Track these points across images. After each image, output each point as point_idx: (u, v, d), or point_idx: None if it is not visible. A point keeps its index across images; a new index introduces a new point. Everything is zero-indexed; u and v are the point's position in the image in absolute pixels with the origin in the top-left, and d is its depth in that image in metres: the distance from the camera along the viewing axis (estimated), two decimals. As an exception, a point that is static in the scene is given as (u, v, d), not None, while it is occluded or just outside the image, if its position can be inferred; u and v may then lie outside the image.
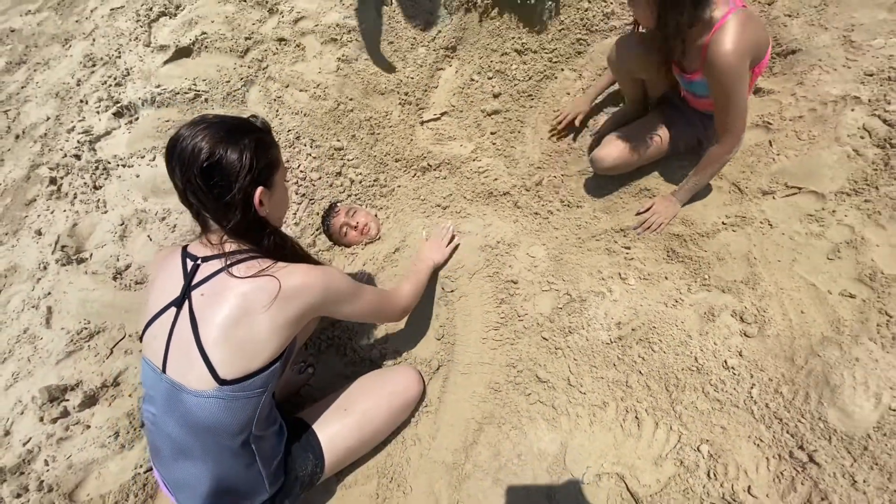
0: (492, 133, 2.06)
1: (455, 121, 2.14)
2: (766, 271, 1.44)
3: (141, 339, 1.04)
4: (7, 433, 1.56)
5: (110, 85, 2.34)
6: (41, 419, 1.55)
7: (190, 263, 1.00)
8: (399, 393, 1.28)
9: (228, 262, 0.97)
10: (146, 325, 1.01)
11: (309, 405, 1.27)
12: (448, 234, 1.59)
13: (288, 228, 1.85)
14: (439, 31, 2.26)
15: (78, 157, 2.11)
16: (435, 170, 1.98)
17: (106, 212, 1.96)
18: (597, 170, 1.73)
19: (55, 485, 1.38)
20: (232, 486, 1.02)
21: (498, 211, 1.82)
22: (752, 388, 1.23)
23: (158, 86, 2.21)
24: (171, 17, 2.56)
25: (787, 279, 1.41)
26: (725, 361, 1.28)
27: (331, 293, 1.03)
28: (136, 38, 2.50)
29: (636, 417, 1.25)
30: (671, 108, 1.73)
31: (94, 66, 2.56)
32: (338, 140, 2.01)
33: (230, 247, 0.99)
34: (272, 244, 1.02)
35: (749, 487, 1.11)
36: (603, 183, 1.84)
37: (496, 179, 1.91)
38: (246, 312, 0.93)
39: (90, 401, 1.56)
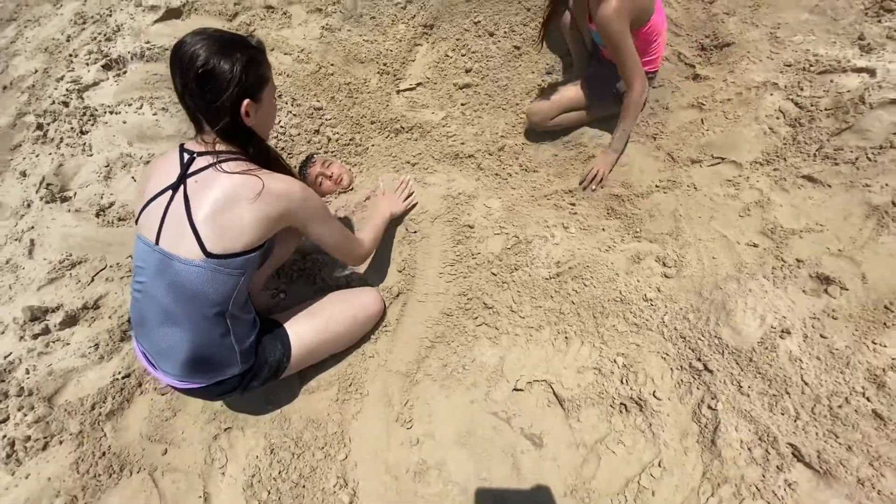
0: (462, 104, 2.25)
1: (429, 91, 2.31)
2: (688, 226, 1.66)
3: (137, 221, 1.17)
4: (-14, 350, 1.65)
5: (100, 40, 2.44)
6: (21, 338, 1.65)
7: (186, 156, 1.14)
8: (361, 307, 1.44)
9: (219, 159, 1.11)
10: (143, 206, 1.15)
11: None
12: (406, 187, 1.75)
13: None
14: (420, 9, 2.44)
15: (66, 105, 2.20)
16: (407, 132, 2.15)
17: (91, 155, 2.06)
18: (531, 125, 2.00)
19: (35, 389, 1.49)
20: (207, 354, 1.17)
21: (462, 171, 2.00)
22: (664, 315, 1.44)
23: (147, 42, 2.32)
24: (163, -18, 2.66)
25: (704, 232, 1.63)
26: (645, 295, 1.49)
27: (308, 206, 1.19)
28: (128, -2, 2.60)
29: (566, 338, 1.44)
30: (592, 63, 2.01)
31: (84, 23, 2.65)
32: (317, 101, 2.16)
33: (221, 147, 1.14)
34: (258, 152, 1.17)
35: (654, 392, 1.31)
36: (558, 151, 2.05)
37: (463, 143, 2.09)
38: (232, 201, 1.08)
39: (71, 321, 1.67)
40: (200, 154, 1.14)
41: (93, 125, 2.13)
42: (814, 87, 1.79)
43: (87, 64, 2.34)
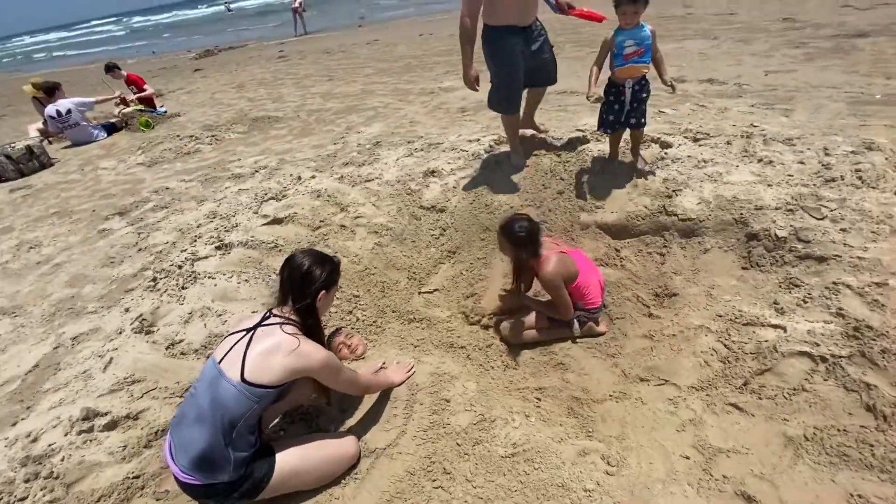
0: (463, 309, 2.85)
1: (443, 296, 2.97)
2: (633, 432, 1.93)
3: (216, 347, 1.67)
4: (35, 440, 2.01)
5: (220, 230, 3.43)
6: (67, 433, 2.02)
7: (267, 315, 1.71)
8: (340, 450, 1.73)
9: (283, 322, 1.67)
10: (224, 337, 1.66)
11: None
12: (410, 368, 2.21)
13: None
14: (448, 240, 3.32)
15: (179, 267, 3.02)
16: (418, 322, 2.71)
17: (182, 304, 2.73)
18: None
19: (61, 474, 1.78)
20: (210, 456, 1.48)
21: (453, 358, 2.45)
22: (599, 506, 1.61)
23: (253, 237, 3.27)
24: (277, 201, 3.83)
25: (646, 440, 1.89)
26: (585, 486, 1.69)
27: (324, 369, 1.67)
28: (249, 207, 3.73)
29: (509, 512, 1.62)
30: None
31: (214, 218, 3.75)
32: (357, 291, 2.85)
33: (292, 317, 1.70)
34: (310, 326, 1.73)
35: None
36: (535, 356, 2.49)
37: (459, 337, 2.60)
38: (275, 350, 1.58)
39: (112, 425, 2.04)
40: (275, 316, 1.71)
41: (192, 284, 2.88)
42: (740, 335, 2.23)
43: (206, 244, 3.27)
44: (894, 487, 1.57)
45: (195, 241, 3.38)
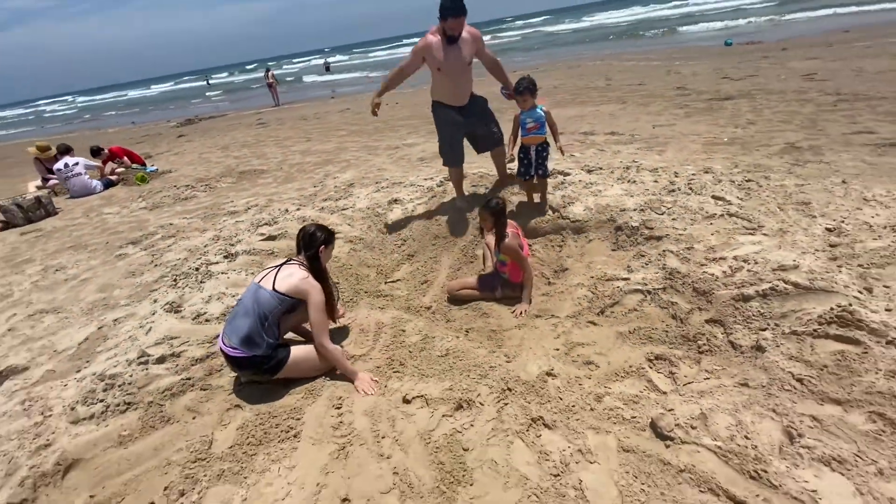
0: (419, 283, 3.83)
1: (403, 283, 3.94)
2: (527, 343, 2.89)
3: (255, 276, 2.58)
4: (101, 376, 2.78)
5: (227, 246, 4.35)
6: (127, 366, 2.80)
7: (288, 260, 2.64)
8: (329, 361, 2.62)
9: (300, 264, 2.61)
10: (260, 272, 2.58)
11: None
12: (374, 389, 2.81)
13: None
14: (408, 247, 4.35)
15: (197, 270, 3.90)
16: (384, 297, 3.66)
17: (202, 292, 3.59)
18: (447, 292, 3.57)
19: (131, 383, 2.58)
20: (252, 336, 2.35)
21: (409, 314, 3.39)
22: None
23: (254, 248, 4.19)
24: (269, 226, 4.80)
25: (534, 345, 2.85)
26: (490, 364, 2.62)
27: (313, 296, 2.57)
28: (248, 231, 4.69)
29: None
30: (488, 273, 3.62)
31: (218, 240, 4.66)
32: (337, 279, 3.79)
33: (304, 262, 2.65)
34: (317, 269, 2.65)
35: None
36: (469, 311, 3.46)
37: (410, 300, 3.55)
38: (294, 274, 2.51)
39: (161, 360, 2.84)
40: (294, 260, 2.67)
41: (208, 279, 3.75)
42: (603, 286, 3.28)
43: (216, 255, 4.17)
44: (674, 350, 2.58)
45: (205, 254, 4.27)
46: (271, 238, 4.44)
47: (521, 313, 3.28)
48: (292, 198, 5.83)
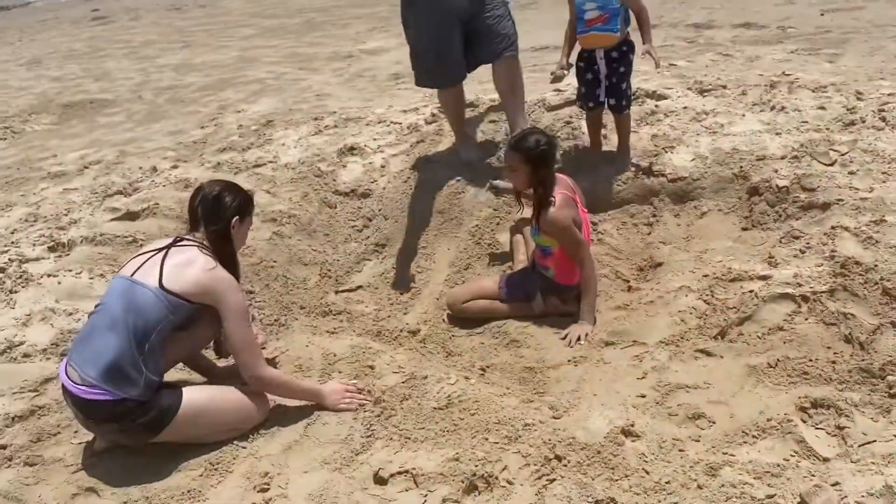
0: (389, 300, 4.08)
1: (368, 293, 4.19)
2: (589, 386, 3.13)
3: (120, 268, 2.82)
4: None
5: (52, 230, 4.58)
6: None
7: (180, 239, 2.88)
8: (249, 397, 2.82)
9: (200, 245, 2.84)
10: (131, 259, 2.82)
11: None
12: (358, 398, 3.05)
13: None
14: (375, 232, 4.59)
15: (3, 270, 4.13)
16: (335, 315, 3.90)
17: (13, 308, 3.82)
18: (448, 306, 3.85)
19: None
20: (121, 365, 2.58)
21: (380, 342, 3.62)
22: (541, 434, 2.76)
23: (100, 233, 4.43)
24: (126, 196, 5.04)
25: (601, 390, 3.08)
26: (525, 422, 2.84)
27: (232, 298, 2.80)
28: (88, 204, 4.93)
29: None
30: (519, 271, 3.87)
31: (35, 221, 4.90)
32: (251, 286, 4.03)
33: (205, 242, 2.87)
34: (226, 255, 2.88)
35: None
36: (485, 340, 3.69)
37: (391, 327, 3.79)
38: (192, 262, 2.74)
39: None
40: (188, 240, 2.90)
41: (24, 288, 3.98)
42: (725, 291, 3.52)
43: (34, 245, 4.41)
44: (847, 393, 2.81)
45: (14, 244, 4.51)
46: (130, 216, 4.68)
47: (577, 339, 3.51)
48: (163, 147, 6.12)
